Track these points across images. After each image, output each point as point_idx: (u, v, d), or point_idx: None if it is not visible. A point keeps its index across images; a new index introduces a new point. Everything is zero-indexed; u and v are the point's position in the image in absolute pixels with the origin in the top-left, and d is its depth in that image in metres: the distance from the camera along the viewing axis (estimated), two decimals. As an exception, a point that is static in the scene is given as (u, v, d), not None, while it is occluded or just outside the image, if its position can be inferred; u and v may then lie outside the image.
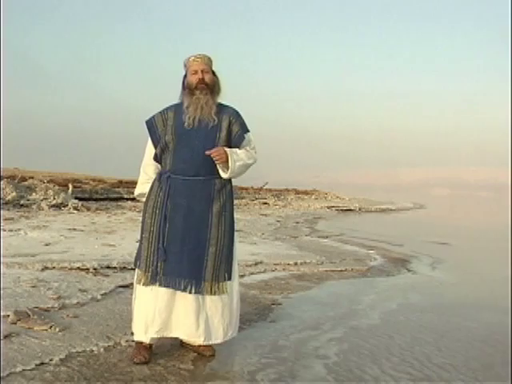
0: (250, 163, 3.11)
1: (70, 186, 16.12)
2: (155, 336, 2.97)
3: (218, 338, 3.06)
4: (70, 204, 13.91)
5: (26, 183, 16.13)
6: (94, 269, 5.31)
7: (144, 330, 2.98)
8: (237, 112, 3.13)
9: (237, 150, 3.04)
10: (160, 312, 2.94)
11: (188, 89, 3.06)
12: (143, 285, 2.99)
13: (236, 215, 3.34)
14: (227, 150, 2.99)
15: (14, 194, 13.60)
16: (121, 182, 22.46)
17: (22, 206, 13.29)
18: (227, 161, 2.98)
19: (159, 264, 2.96)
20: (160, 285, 2.95)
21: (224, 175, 3.03)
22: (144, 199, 3.14)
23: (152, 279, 2.96)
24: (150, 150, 3.16)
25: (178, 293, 2.96)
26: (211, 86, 3.05)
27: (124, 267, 5.46)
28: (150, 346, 3.03)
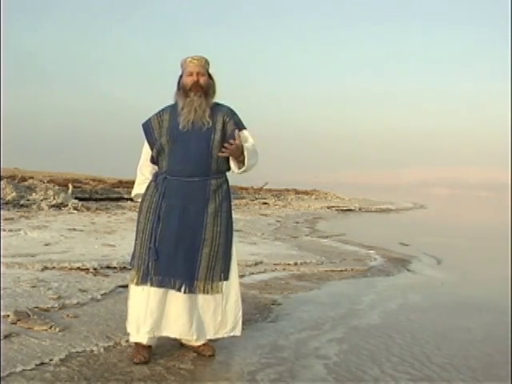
0: (255, 162, 3.11)
1: (70, 186, 16.11)
2: (147, 336, 2.96)
3: (208, 335, 3.07)
4: (70, 204, 13.91)
5: (26, 183, 16.12)
6: (94, 269, 5.31)
7: (136, 329, 2.99)
8: (231, 110, 3.13)
9: (248, 146, 3.02)
10: (151, 311, 2.94)
11: (182, 90, 3.07)
12: (135, 284, 3.00)
13: (236, 215, 3.35)
14: (243, 145, 2.97)
15: (14, 194, 13.60)
16: (121, 182, 22.45)
17: (22, 206, 13.29)
18: (240, 156, 2.97)
19: (150, 264, 2.96)
20: (151, 284, 2.94)
21: (237, 170, 3.03)
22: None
23: (143, 279, 2.96)
24: (147, 151, 3.17)
25: (170, 292, 2.96)
26: (205, 89, 3.06)
27: (124, 267, 5.45)
28: (150, 345, 3.03)
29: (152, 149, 3.11)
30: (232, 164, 3.04)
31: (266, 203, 24.36)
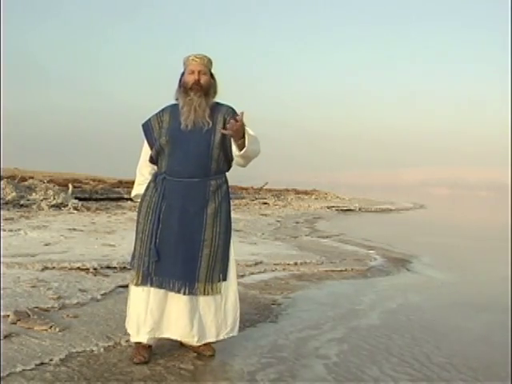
0: (257, 149, 3.05)
1: (70, 186, 16.10)
2: (147, 336, 2.96)
3: (210, 337, 3.06)
4: (70, 204, 13.90)
5: (26, 183, 16.11)
6: (94, 269, 5.31)
7: (136, 329, 2.98)
8: (232, 109, 3.10)
9: (250, 131, 2.96)
10: (152, 312, 2.94)
11: (183, 88, 3.06)
12: (135, 285, 2.99)
13: (236, 215, 3.35)
14: (246, 128, 2.91)
15: (14, 194, 13.59)
16: (121, 182, 22.44)
17: (22, 205, 13.28)
18: (243, 137, 2.91)
19: (151, 264, 2.95)
20: (152, 285, 2.94)
21: (238, 153, 2.96)
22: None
23: (144, 280, 2.95)
24: (146, 152, 3.16)
25: (171, 293, 2.96)
26: (206, 89, 3.04)
27: (124, 267, 5.45)
28: (150, 346, 3.03)
29: (151, 149, 3.11)
30: (233, 146, 2.98)
31: (266, 203, 24.34)
